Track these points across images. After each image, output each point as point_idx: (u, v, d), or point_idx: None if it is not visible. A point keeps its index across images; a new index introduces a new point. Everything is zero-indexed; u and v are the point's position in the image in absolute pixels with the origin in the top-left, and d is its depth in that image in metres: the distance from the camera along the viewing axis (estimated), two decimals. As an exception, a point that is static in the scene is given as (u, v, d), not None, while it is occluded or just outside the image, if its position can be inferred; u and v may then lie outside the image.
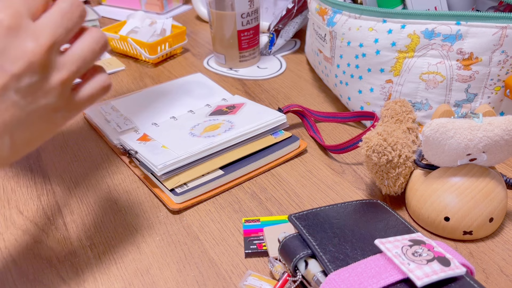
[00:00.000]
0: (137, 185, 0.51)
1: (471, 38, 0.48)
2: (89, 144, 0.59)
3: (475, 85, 0.50)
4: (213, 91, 0.67)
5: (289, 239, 0.38)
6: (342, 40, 0.56)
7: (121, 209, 0.48)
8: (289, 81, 0.72)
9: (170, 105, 0.63)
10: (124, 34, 0.79)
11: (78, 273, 0.41)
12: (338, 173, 0.52)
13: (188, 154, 0.49)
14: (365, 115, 0.57)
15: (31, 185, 0.52)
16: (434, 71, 0.50)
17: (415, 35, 0.50)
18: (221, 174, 0.50)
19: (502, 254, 0.41)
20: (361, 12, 0.53)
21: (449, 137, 0.39)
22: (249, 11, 0.71)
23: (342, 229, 0.38)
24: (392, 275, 0.32)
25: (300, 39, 0.86)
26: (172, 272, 0.41)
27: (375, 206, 0.43)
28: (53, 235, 0.45)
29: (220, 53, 0.76)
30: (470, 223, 0.41)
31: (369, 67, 0.54)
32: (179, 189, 0.48)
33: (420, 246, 0.33)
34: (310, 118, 0.60)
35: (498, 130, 0.39)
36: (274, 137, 0.54)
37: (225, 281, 0.40)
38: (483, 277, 0.39)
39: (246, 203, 0.48)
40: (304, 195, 0.49)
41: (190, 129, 0.55)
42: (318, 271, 0.35)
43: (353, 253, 0.35)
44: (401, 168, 0.43)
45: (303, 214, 0.40)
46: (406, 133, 0.46)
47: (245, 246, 0.43)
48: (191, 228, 0.45)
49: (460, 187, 0.41)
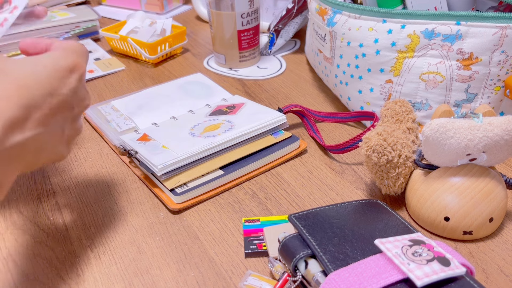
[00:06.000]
0: (137, 185, 0.51)
1: (471, 38, 0.48)
2: (89, 144, 0.59)
3: (475, 85, 0.50)
4: (213, 91, 0.67)
5: (289, 239, 0.38)
6: (342, 40, 0.56)
7: (121, 209, 0.48)
8: (289, 81, 0.72)
9: (170, 105, 0.63)
10: (124, 34, 0.79)
11: (78, 273, 0.41)
12: (338, 173, 0.52)
13: (188, 154, 0.49)
14: (365, 115, 0.57)
15: (31, 185, 0.52)
16: (434, 71, 0.50)
17: (415, 35, 0.50)
18: (221, 174, 0.50)
19: (502, 254, 0.41)
20: (361, 12, 0.53)
21: (449, 137, 0.39)
22: (249, 11, 0.71)
23: (342, 229, 0.38)
24: (392, 275, 0.32)
25: (300, 39, 0.86)
26: (172, 272, 0.41)
27: (375, 206, 0.43)
28: (53, 235, 0.45)
29: (220, 53, 0.76)
30: (470, 223, 0.41)
31: (369, 67, 0.54)
32: (179, 189, 0.48)
33: (420, 246, 0.33)
34: (310, 118, 0.60)
35: (498, 130, 0.39)
36: (274, 137, 0.54)
37: (225, 281, 0.40)
38: (483, 277, 0.39)
39: (246, 203, 0.48)
40: (304, 195, 0.49)
41: (190, 129, 0.55)
42: (318, 271, 0.35)
43: (353, 253, 0.35)
44: (401, 168, 0.43)
45: (303, 214, 0.40)
46: (406, 133, 0.46)
47: (245, 246, 0.43)
48: (191, 228, 0.45)
49: (460, 187, 0.41)
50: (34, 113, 0.31)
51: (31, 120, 0.31)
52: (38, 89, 0.32)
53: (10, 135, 0.30)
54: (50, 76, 0.33)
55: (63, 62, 0.35)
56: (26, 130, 0.31)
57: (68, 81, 0.35)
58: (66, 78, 0.35)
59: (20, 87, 0.31)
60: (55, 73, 0.34)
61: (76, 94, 0.36)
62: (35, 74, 0.32)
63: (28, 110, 0.31)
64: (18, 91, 0.31)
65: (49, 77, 0.33)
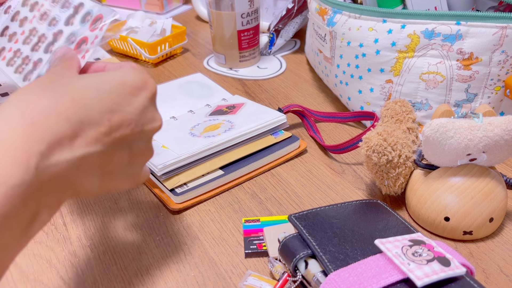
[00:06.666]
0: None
1: (471, 38, 0.48)
2: (89, 144, 0.59)
3: (475, 85, 0.50)
4: (213, 91, 0.67)
5: (289, 239, 0.38)
6: (342, 40, 0.56)
7: (121, 209, 0.48)
8: (289, 81, 0.72)
9: (170, 105, 0.62)
10: (124, 34, 0.79)
11: (78, 273, 0.41)
12: (338, 173, 0.52)
13: (188, 154, 0.49)
14: (365, 115, 0.57)
15: (31, 185, 0.52)
16: (434, 71, 0.50)
17: (415, 35, 0.50)
18: (221, 174, 0.50)
19: (502, 254, 0.41)
20: (361, 12, 0.53)
21: (449, 137, 0.39)
22: (249, 11, 0.71)
23: (342, 229, 0.38)
24: (392, 275, 0.32)
25: (300, 39, 0.86)
26: (172, 272, 0.41)
27: (375, 206, 0.43)
28: (53, 235, 0.45)
29: (220, 53, 0.76)
30: (470, 223, 0.41)
31: (369, 67, 0.54)
32: (179, 189, 0.48)
33: (420, 246, 0.33)
34: (310, 118, 0.60)
35: (498, 130, 0.39)
36: (274, 137, 0.54)
37: (225, 281, 0.40)
38: (483, 277, 0.39)
39: (246, 203, 0.48)
40: (304, 195, 0.49)
41: (190, 129, 0.55)
42: (318, 271, 0.35)
43: (353, 253, 0.35)
44: (401, 168, 0.43)
45: (303, 214, 0.40)
46: (406, 133, 0.46)
47: (245, 246, 0.43)
48: (191, 228, 0.45)
49: (460, 187, 0.41)
50: (88, 130, 0.29)
51: (84, 137, 0.29)
52: (96, 104, 0.30)
53: (56, 152, 0.27)
54: (113, 92, 0.31)
55: (131, 78, 0.33)
56: (76, 148, 0.28)
57: (135, 99, 0.32)
58: (132, 95, 0.32)
59: (75, 101, 0.29)
60: (120, 89, 0.32)
61: (144, 113, 0.33)
62: (98, 89, 0.30)
63: (80, 126, 0.28)
64: (71, 105, 0.28)
65: (112, 93, 0.31)
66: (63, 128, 0.28)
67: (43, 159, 0.26)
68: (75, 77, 0.31)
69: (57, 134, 0.27)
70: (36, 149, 0.26)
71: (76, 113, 0.28)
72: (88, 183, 0.31)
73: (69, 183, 0.29)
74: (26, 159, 0.25)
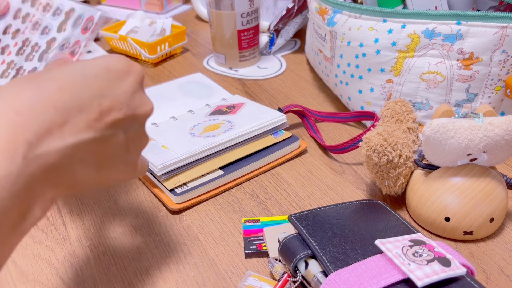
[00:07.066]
0: (137, 185, 0.51)
1: (471, 38, 0.48)
2: (88, 144, 0.59)
3: (475, 85, 0.50)
4: (213, 91, 0.67)
5: (289, 239, 0.38)
6: (342, 40, 0.56)
7: (120, 209, 0.48)
8: (289, 81, 0.72)
9: (170, 105, 0.62)
10: (124, 34, 0.79)
11: (78, 274, 0.41)
12: (338, 173, 0.52)
13: (188, 154, 0.49)
14: (365, 115, 0.57)
15: (30, 185, 0.52)
16: (435, 71, 0.50)
17: (415, 35, 0.50)
18: (221, 174, 0.50)
19: (503, 254, 0.41)
20: (361, 12, 0.53)
21: (449, 137, 0.39)
22: (249, 11, 0.71)
23: (342, 229, 0.38)
24: (392, 276, 0.32)
25: (300, 39, 0.86)
26: (171, 272, 0.41)
27: (375, 206, 0.43)
28: (53, 235, 0.45)
29: (220, 53, 0.76)
30: (471, 223, 0.41)
31: (369, 67, 0.54)
32: (179, 189, 0.47)
33: (421, 247, 0.33)
34: (310, 118, 0.60)
35: (499, 130, 0.39)
36: (274, 137, 0.54)
37: (225, 281, 0.40)
38: (483, 277, 0.39)
39: (246, 203, 0.48)
40: (304, 195, 0.49)
41: (190, 129, 0.55)
42: (318, 271, 0.35)
43: (353, 253, 0.35)
44: (401, 168, 0.43)
45: (303, 214, 0.40)
46: (407, 133, 0.46)
47: (245, 246, 0.43)
48: (190, 228, 0.45)
49: (460, 187, 0.41)
50: (77, 117, 0.28)
51: (74, 124, 0.28)
52: (83, 90, 0.29)
53: (46, 141, 0.26)
54: (99, 76, 0.30)
55: (115, 63, 0.32)
56: (67, 136, 0.27)
57: (122, 83, 0.32)
58: (119, 79, 0.31)
59: (61, 88, 0.28)
60: (107, 74, 0.31)
61: (133, 97, 0.32)
62: (84, 75, 0.30)
63: (69, 113, 0.27)
64: (57, 93, 0.27)
65: (98, 77, 0.30)
66: (51, 116, 0.27)
67: (31, 148, 0.25)
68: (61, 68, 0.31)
69: (44, 122, 0.26)
70: (22, 138, 0.25)
71: (63, 101, 0.28)
72: (84, 175, 0.30)
73: (62, 175, 0.28)
74: (12, 148, 0.24)
